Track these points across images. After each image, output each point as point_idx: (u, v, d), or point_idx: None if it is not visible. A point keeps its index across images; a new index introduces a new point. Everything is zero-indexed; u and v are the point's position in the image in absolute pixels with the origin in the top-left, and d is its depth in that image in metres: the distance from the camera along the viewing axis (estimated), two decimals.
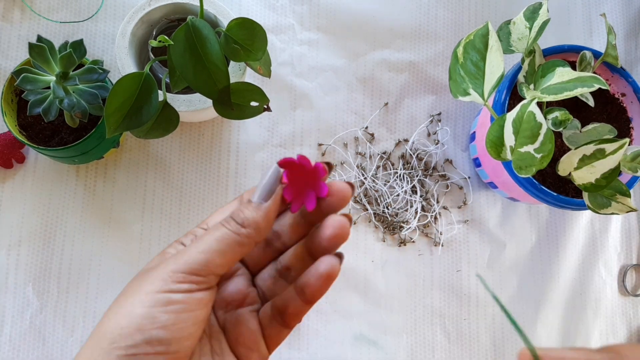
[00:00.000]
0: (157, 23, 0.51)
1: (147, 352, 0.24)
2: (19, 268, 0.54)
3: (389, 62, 0.63)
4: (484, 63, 0.48)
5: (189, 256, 0.26)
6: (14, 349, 0.53)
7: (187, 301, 0.25)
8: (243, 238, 0.27)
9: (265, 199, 0.28)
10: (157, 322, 0.25)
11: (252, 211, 0.27)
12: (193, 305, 0.26)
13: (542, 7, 0.49)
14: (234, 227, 0.27)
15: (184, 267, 0.26)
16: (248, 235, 0.27)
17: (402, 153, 0.61)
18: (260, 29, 0.43)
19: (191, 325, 0.25)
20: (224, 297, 0.30)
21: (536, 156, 0.44)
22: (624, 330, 0.63)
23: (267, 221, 0.28)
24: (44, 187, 0.55)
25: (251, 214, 0.27)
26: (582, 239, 0.63)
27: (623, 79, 0.54)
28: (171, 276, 0.25)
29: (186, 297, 0.25)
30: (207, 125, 0.59)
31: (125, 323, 0.25)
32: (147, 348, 0.24)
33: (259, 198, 0.28)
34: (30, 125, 0.51)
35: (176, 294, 0.25)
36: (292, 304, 0.29)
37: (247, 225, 0.27)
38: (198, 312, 0.26)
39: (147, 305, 0.25)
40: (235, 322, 0.29)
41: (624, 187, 0.48)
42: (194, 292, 0.26)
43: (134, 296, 0.25)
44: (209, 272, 0.26)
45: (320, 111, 0.61)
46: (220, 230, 0.27)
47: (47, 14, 0.58)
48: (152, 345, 0.24)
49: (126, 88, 0.41)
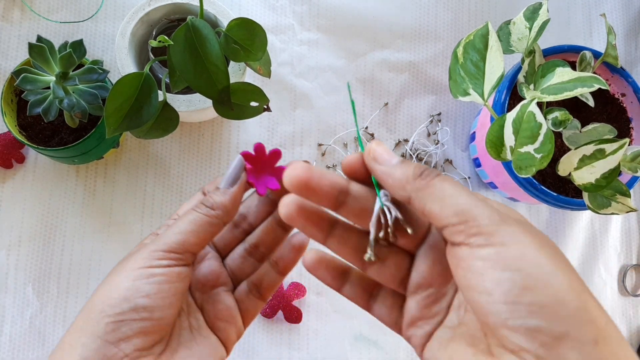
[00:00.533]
0: (157, 23, 0.51)
1: (134, 318, 0.27)
2: (19, 268, 0.54)
3: (389, 62, 0.63)
4: (484, 63, 0.48)
5: (167, 237, 0.29)
6: (14, 349, 0.53)
7: (167, 274, 0.28)
8: (213, 219, 0.30)
9: (231, 184, 0.32)
10: (141, 291, 0.27)
11: (220, 196, 0.31)
12: (173, 277, 0.28)
13: (542, 7, 0.49)
14: (205, 210, 0.30)
15: (163, 247, 0.29)
16: (217, 216, 0.30)
17: (402, 153, 0.61)
18: (260, 29, 0.43)
19: (172, 295, 0.28)
20: (199, 279, 0.33)
21: (536, 156, 0.44)
22: (624, 330, 0.63)
23: (233, 203, 0.31)
24: (44, 187, 0.55)
25: (219, 198, 0.31)
26: (582, 239, 0.63)
27: (623, 79, 0.54)
28: (152, 254, 0.29)
29: (166, 270, 0.28)
30: (207, 125, 0.59)
31: (113, 294, 0.27)
32: (133, 314, 0.27)
33: (226, 184, 0.31)
34: (30, 125, 0.51)
35: (157, 269, 0.28)
36: (267, 277, 0.33)
37: (217, 207, 0.30)
38: (177, 284, 0.29)
39: (132, 278, 0.28)
40: (213, 300, 0.32)
41: (624, 187, 0.48)
42: (172, 267, 0.29)
43: (120, 273, 0.28)
44: (185, 250, 0.29)
45: (320, 111, 0.61)
46: (192, 214, 0.30)
47: (47, 14, 0.58)
48: (137, 311, 0.27)
49: (126, 88, 0.41)
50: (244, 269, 0.34)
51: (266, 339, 0.56)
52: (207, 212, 0.30)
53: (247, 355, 0.56)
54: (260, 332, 0.56)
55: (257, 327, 0.56)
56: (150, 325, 0.27)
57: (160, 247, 0.29)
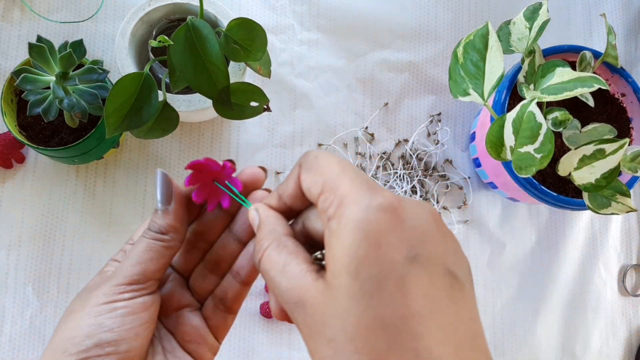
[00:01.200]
0: (157, 23, 0.51)
1: (99, 354, 0.26)
2: (19, 268, 0.54)
3: (389, 62, 0.63)
4: (484, 63, 0.48)
5: (126, 270, 0.28)
6: (14, 349, 0.53)
7: (130, 306, 0.27)
8: (167, 242, 0.29)
9: (167, 202, 0.30)
10: (104, 326, 0.27)
11: (163, 218, 0.30)
12: (136, 308, 0.28)
13: (542, 7, 0.49)
14: (155, 235, 0.29)
15: (123, 280, 0.28)
16: (170, 238, 0.29)
17: (402, 153, 0.61)
18: (260, 29, 0.43)
19: (137, 325, 0.27)
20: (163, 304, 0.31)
21: (536, 156, 0.44)
22: (624, 330, 0.63)
23: (180, 220, 0.30)
24: (44, 187, 0.55)
25: (163, 221, 0.29)
26: (582, 239, 0.63)
27: (623, 79, 0.54)
28: (113, 289, 0.28)
29: (129, 303, 0.27)
30: (207, 125, 0.59)
31: (75, 333, 0.26)
32: (98, 350, 0.26)
33: (161, 204, 0.30)
34: (30, 125, 0.51)
35: (119, 302, 0.27)
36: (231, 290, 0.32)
37: (165, 231, 0.29)
38: (142, 314, 0.28)
39: (93, 315, 0.27)
40: (176, 323, 0.31)
41: (624, 187, 0.48)
42: (136, 298, 0.28)
43: (80, 311, 0.27)
44: (147, 279, 0.28)
45: (320, 111, 0.61)
46: (144, 242, 0.29)
47: (47, 14, 0.58)
48: (101, 347, 0.26)
49: (126, 88, 0.41)
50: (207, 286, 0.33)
51: (266, 339, 0.56)
52: (159, 237, 0.29)
53: (247, 355, 0.56)
54: (260, 332, 0.56)
55: (257, 327, 0.56)
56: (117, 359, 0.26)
57: (121, 281, 0.28)
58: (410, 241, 0.22)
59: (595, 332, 0.62)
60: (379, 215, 0.22)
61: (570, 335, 0.62)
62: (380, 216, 0.22)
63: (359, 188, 0.23)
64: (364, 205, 0.23)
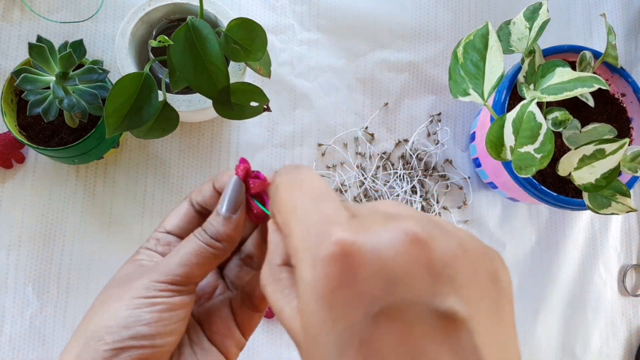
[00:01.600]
0: (157, 23, 0.51)
1: (133, 346, 0.26)
2: (19, 268, 0.54)
3: (389, 62, 0.63)
4: (484, 63, 0.48)
5: (170, 268, 0.28)
6: (14, 349, 0.53)
7: (169, 303, 0.27)
8: (219, 251, 0.29)
9: (233, 211, 0.29)
10: (142, 319, 0.27)
11: (224, 225, 0.29)
12: (174, 306, 0.28)
13: (542, 7, 0.49)
14: (209, 240, 0.29)
15: (165, 278, 0.28)
16: (223, 247, 0.29)
17: (402, 153, 0.61)
18: (260, 29, 0.43)
19: (174, 322, 0.27)
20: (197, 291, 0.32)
21: (536, 156, 0.44)
22: (624, 330, 0.63)
23: (238, 232, 0.29)
24: (44, 187, 0.55)
25: (223, 229, 0.29)
26: (582, 239, 0.63)
27: (623, 79, 0.54)
28: (154, 285, 0.27)
29: (168, 300, 0.27)
30: (207, 125, 0.59)
31: (112, 322, 0.26)
32: (133, 342, 0.26)
33: (227, 211, 0.29)
34: (30, 125, 0.51)
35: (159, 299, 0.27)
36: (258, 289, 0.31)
37: (222, 239, 0.29)
38: (179, 312, 0.28)
39: (132, 307, 0.27)
40: (207, 313, 0.31)
41: (624, 187, 0.48)
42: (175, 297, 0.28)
43: (118, 301, 0.27)
44: (189, 282, 0.28)
45: (320, 111, 0.61)
46: (195, 243, 0.29)
47: (47, 14, 0.58)
48: (137, 339, 0.26)
49: (126, 88, 0.41)
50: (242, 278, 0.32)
51: (266, 339, 0.56)
52: (212, 244, 0.28)
53: (247, 355, 0.56)
54: (260, 332, 0.56)
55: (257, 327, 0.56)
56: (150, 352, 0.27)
57: (163, 278, 0.28)
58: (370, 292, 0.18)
59: (595, 332, 0.62)
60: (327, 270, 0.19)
61: (570, 335, 0.62)
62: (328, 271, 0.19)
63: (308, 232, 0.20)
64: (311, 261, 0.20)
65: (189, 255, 0.28)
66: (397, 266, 0.18)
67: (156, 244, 0.31)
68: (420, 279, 0.18)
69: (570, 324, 0.62)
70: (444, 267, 0.19)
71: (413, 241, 0.19)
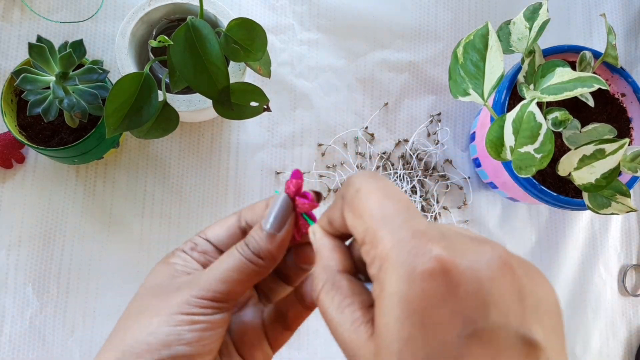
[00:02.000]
0: (157, 23, 0.51)
1: None
2: (19, 268, 0.54)
3: (389, 62, 0.63)
4: (484, 63, 0.48)
5: (210, 284, 0.27)
6: (14, 349, 0.53)
7: (209, 321, 0.27)
8: (261, 268, 0.28)
9: (278, 229, 0.28)
10: (183, 339, 0.26)
11: (267, 243, 0.28)
12: (215, 325, 0.27)
13: (542, 7, 0.49)
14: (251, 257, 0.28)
15: (207, 294, 0.27)
16: (265, 265, 0.28)
17: (402, 153, 0.61)
18: (260, 29, 0.43)
19: (213, 342, 0.27)
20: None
21: (536, 156, 0.44)
22: (624, 330, 0.63)
23: (281, 251, 0.28)
24: (44, 187, 0.55)
25: (266, 246, 0.28)
26: (582, 239, 0.63)
27: (623, 79, 0.54)
28: (195, 301, 0.27)
29: (209, 318, 0.27)
30: (207, 125, 0.59)
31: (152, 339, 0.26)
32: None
33: (272, 228, 0.28)
34: (30, 125, 0.51)
35: (200, 316, 0.26)
36: (292, 309, 0.30)
37: (264, 257, 0.28)
38: (219, 330, 0.27)
39: (173, 324, 0.26)
40: (240, 322, 0.30)
41: (624, 187, 0.48)
42: (215, 314, 0.27)
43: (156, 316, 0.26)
44: (229, 299, 0.27)
45: (320, 111, 0.61)
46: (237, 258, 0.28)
47: (47, 14, 0.58)
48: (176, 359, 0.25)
49: (126, 88, 0.41)
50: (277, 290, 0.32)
51: None
52: (255, 261, 0.28)
53: None
54: None
55: None
56: None
57: (204, 295, 0.27)
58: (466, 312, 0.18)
59: (595, 332, 0.62)
60: (425, 285, 0.19)
61: (570, 335, 0.62)
62: (425, 287, 0.19)
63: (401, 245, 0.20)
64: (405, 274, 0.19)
65: (230, 272, 0.27)
66: (494, 289, 0.19)
67: (193, 248, 0.30)
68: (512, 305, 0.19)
69: (570, 324, 0.62)
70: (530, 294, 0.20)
71: (507, 266, 0.19)
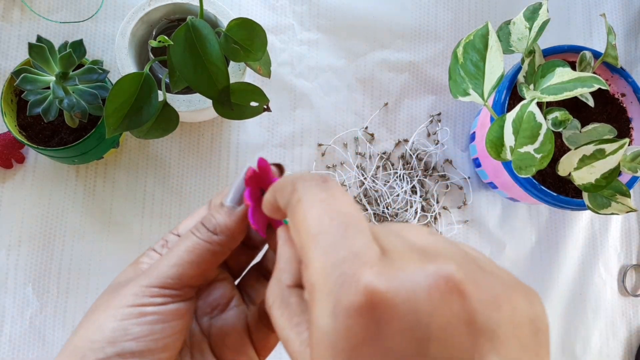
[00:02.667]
0: (157, 23, 0.51)
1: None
2: (19, 268, 0.54)
3: (389, 62, 0.63)
4: (484, 63, 0.48)
5: (160, 270, 0.25)
6: (14, 349, 0.53)
7: (161, 312, 0.24)
8: (215, 246, 0.25)
9: (239, 202, 0.26)
10: (129, 334, 0.23)
11: (224, 216, 0.25)
12: (168, 316, 0.24)
13: (542, 7, 0.49)
14: (205, 234, 0.25)
15: (156, 282, 0.24)
16: (220, 242, 0.25)
17: (402, 153, 0.61)
18: (260, 29, 0.43)
19: (167, 336, 0.24)
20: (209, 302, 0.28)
21: (536, 156, 0.44)
22: (624, 330, 0.63)
23: (240, 226, 0.26)
24: (43, 187, 0.55)
25: (223, 219, 0.25)
26: (582, 239, 0.63)
27: (623, 79, 0.54)
28: (144, 291, 0.24)
29: (160, 309, 0.24)
30: (207, 125, 0.59)
31: (96, 337, 0.23)
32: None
33: (232, 201, 0.26)
34: (30, 125, 0.51)
35: (149, 307, 0.24)
36: None
37: (220, 231, 0.25)
38: (174, 323, 0.24)
39: (119, 318, 0.24)
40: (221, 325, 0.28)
41: (624, 187, 0.48)
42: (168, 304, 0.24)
43: (105, 311, 0.24)
44: (183, 285, 0.25)
45: (320, 111, 0.61)
46: (190, 239, 0.25)
47: (47, 14, 0.58)
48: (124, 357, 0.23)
49: (126, 88, 0.41)
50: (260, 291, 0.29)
51: None
52: (208, 238, 0.25)
53: None
54: None
55: None
56: None
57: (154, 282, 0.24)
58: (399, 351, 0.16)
59: (595, 332, 0.62)
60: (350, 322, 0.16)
61: (570, 335, 0.62)
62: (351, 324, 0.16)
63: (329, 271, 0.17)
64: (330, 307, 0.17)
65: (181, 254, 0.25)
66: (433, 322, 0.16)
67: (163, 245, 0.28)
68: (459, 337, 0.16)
69: (570, 324, 0.62)
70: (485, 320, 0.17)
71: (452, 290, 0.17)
